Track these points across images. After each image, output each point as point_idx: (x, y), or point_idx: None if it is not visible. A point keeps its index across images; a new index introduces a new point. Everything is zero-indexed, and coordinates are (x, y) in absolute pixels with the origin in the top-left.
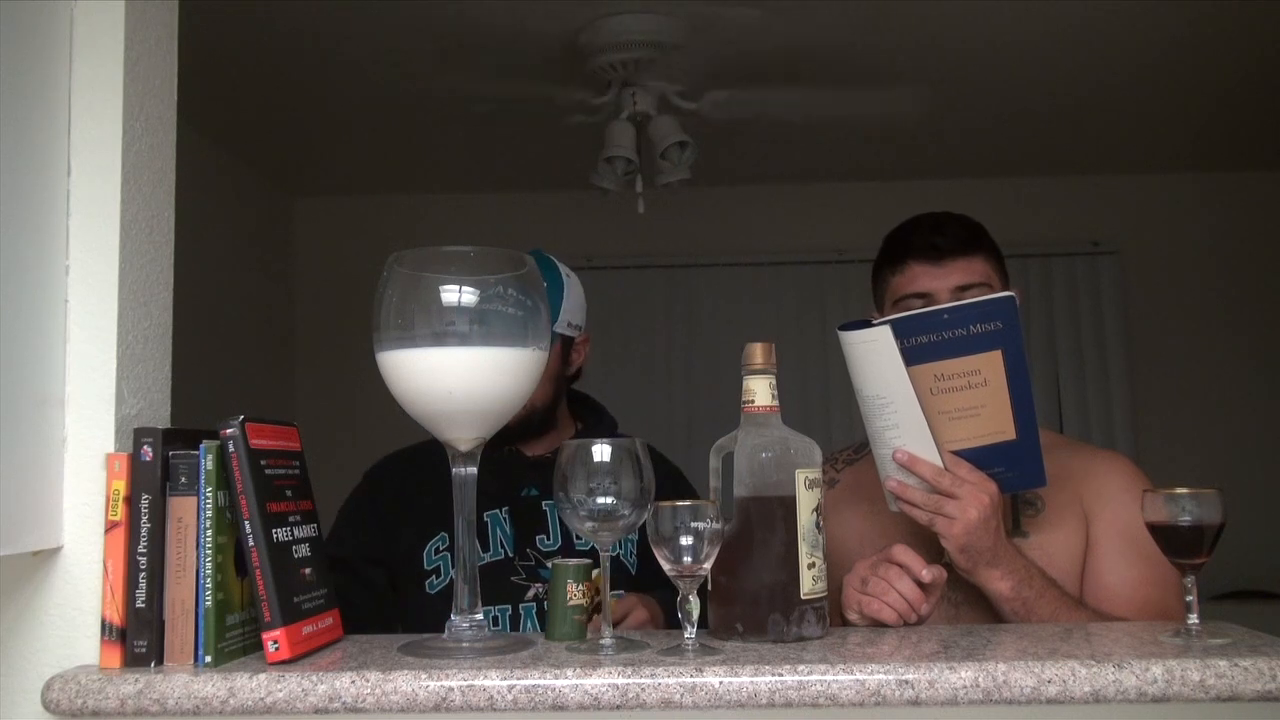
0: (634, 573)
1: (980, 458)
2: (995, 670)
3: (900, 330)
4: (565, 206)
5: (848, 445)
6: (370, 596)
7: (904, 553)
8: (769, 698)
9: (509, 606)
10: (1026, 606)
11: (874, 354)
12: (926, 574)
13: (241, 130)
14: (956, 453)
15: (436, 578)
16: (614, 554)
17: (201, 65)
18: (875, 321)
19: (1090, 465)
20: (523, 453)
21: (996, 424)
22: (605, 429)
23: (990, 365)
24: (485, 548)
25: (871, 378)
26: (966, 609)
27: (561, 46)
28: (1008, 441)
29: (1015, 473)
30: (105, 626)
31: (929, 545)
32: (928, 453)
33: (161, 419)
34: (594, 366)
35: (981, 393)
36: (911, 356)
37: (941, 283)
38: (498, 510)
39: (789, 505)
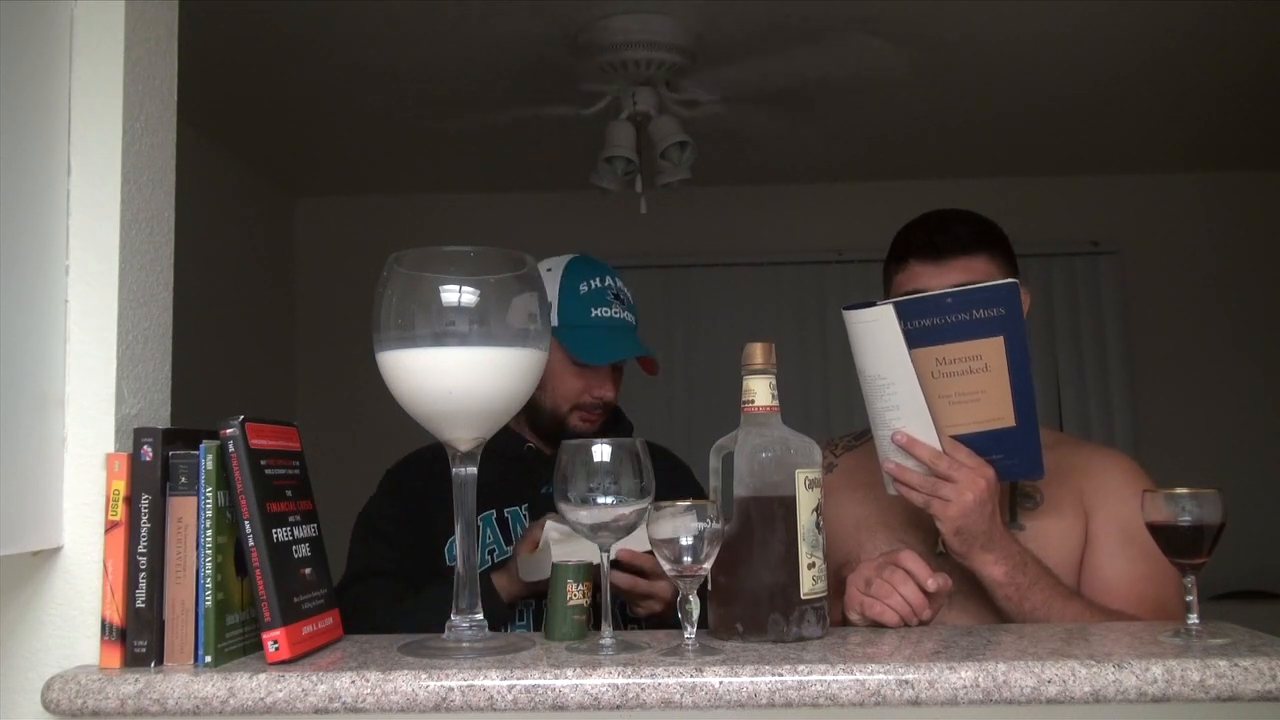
0: None
1: (979, 443)
2: (995, 670)
3: (903, 312)
4: (565, 206)
5: (848, 432)
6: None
7: (911, 559)
8: (769, 698)
9: (533, 601)
10: (1020, 593)
11: (877, 334)
12: (931, 583)
13: (241, 130)
14: (956, 437)
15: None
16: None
17: (202, 65)
18: (879, 302)
19: (1091, 462)
20: (542, 450)
21: (996, 410)
22: (621, 433)
23: (992, 351)
24: (508, 541)
25: (873, 358)
26: (961, 598)
27: (562, 46)
28: (1007, 429)
29: (1013, 460)
30: (105, 626)
31: (926, 530)
32: (927, 436)
33: (161, 419)
34: None
35: (982, 378)
36: (914, 339)
37: (939, 281)
38: (518, 507)
39: (789, 505)
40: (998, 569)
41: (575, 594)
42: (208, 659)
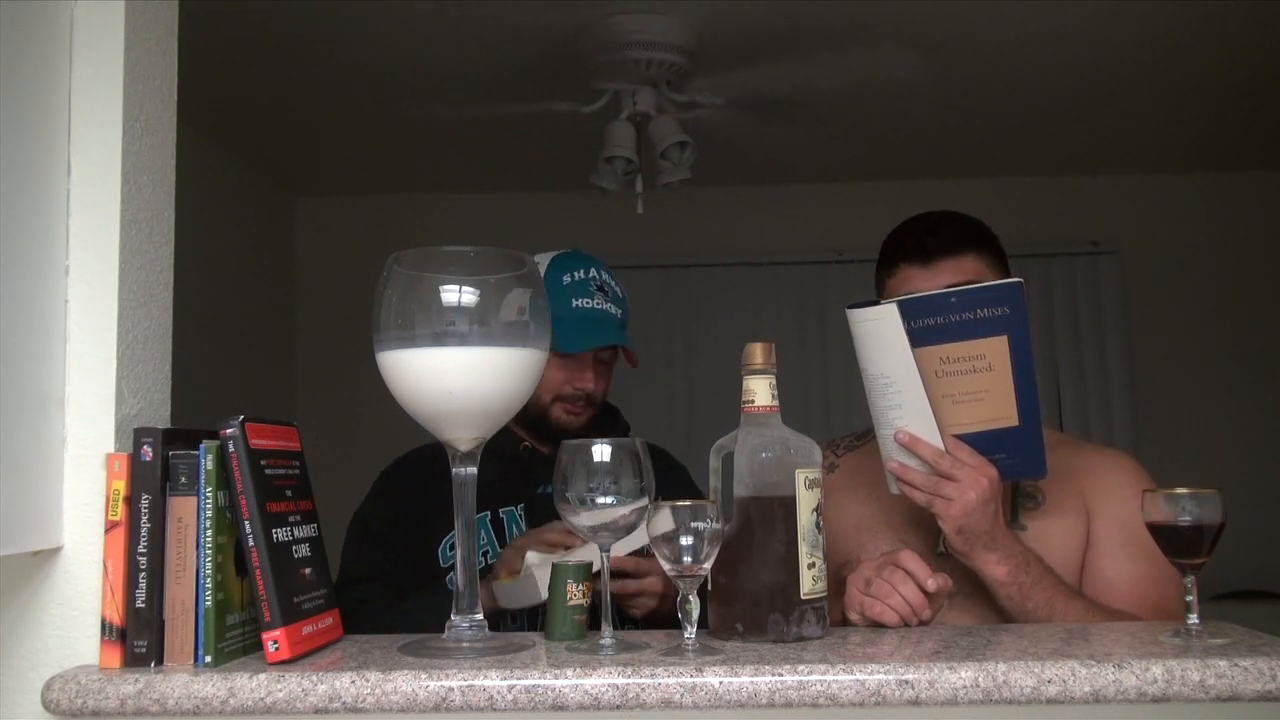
0: None
1: (982, 443)
2: (995, 670)
3: (907, 311)
4: (565, 206)
5: (849, 433)
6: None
7: (911, 559)
8: (769, 698)
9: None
10: (1022, 592)
11: (880, 333)
12: (931, 583)
13: (241, 130)
14: (959, 437)
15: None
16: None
17: (201, 65)
18: (883, 301)
19: (1093, 462)
20: (538, 450)
21: (1000, 410)
22: (617, 433)
23: (995, 350)
24: (502, 543)
25: (877, 357)
26: (962, 598)
27: (562, 46)
28: (1010, 428)
29: (1016, 460)
30: (105, 626)
31: (928, 530)
32: (930, 435)
33: (161, 419)
34: None
35: (986, 377)
36: (918, 338)
37: (931, 283)
38: (513, 507)
39: (789, 505)
40: (1000, 569)
41: (575, 594)
42: (208, 659)
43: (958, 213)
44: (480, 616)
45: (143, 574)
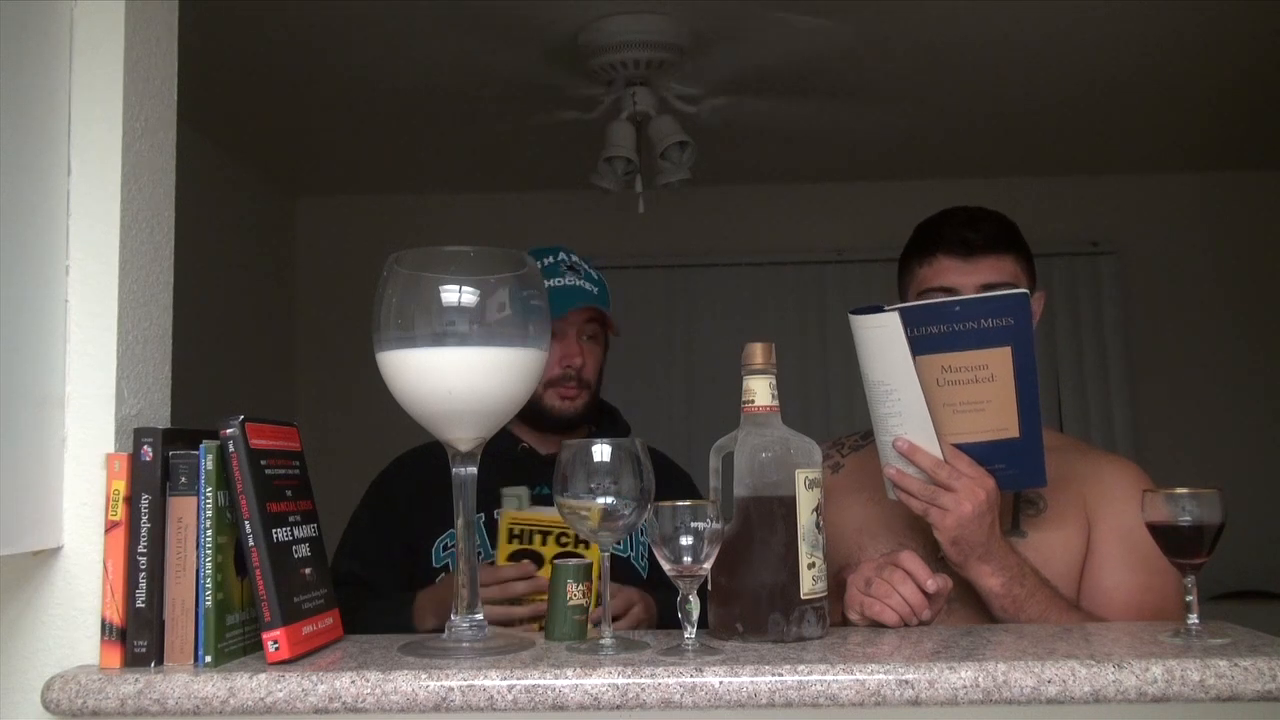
0: (645, 576)
1: (982, 453)
2: (995, 670)
3: (910, 319)
4: (565, 206)
5: (854, 432)
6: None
7: (910, 560)
8: (769, 698)
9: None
10: (1016, 604)
11: (882, 340)
12: (931, 584)
13: (241, 130)
14: (958, 446)
15: (445, 575)
16: (625, 555)
17: (201, 65)
18: (886, 308)
19: (1096, 469)
20: (536, 450)
21: (1000, 420)
22: (617, 434)
23: (998, 361)
24: (495, 545)
25: (878, 364)
26: (958, 605)
27: (562, 46)
28: (1010, 439)
29: (1016, 471)
30: (105, 626)
31: (928, 535)
32: (929, 443)
33: (161, 419)
34: None
35: (987, 388)
36: (920, 346)
37: (969, 279)
38: None
39: (789, 505)
40: (994, 580)
41: (575, 594)
42: (208, 659)
43: (994, 210)
44: (480, 616)
45: (143, 574)
